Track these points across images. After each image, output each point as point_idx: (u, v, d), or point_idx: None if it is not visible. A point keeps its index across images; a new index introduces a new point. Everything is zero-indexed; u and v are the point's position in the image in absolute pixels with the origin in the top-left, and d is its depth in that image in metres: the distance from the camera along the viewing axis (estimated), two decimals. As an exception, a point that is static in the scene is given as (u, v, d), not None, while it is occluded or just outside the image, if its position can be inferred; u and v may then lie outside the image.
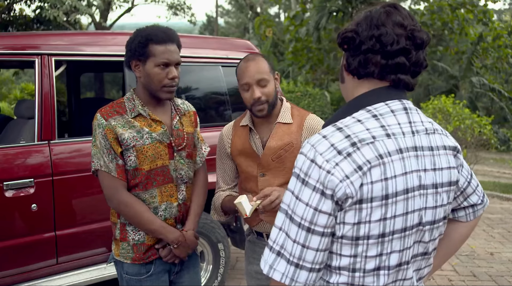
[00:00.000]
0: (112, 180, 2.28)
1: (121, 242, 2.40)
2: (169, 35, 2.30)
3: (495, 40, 20.03)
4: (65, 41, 3.52)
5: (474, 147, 12.00)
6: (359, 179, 1.28)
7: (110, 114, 2.28)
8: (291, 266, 1.33)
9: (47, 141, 3.30)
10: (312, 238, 1.31)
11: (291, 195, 1.34)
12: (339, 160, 1.29)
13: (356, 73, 1.42)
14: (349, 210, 1.29)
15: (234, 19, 39.52)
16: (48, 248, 3.31)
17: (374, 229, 1.31)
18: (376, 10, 1.40)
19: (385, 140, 1.33)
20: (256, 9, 23.02)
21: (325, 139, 1.33)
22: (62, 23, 12.30)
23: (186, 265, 2.53)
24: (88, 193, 3.47)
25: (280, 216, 1.35)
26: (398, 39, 1.36)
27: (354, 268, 1.35)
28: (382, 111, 1.38)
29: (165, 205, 2.38)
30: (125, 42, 3.76)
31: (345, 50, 1.44)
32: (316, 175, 1.29)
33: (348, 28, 1.43)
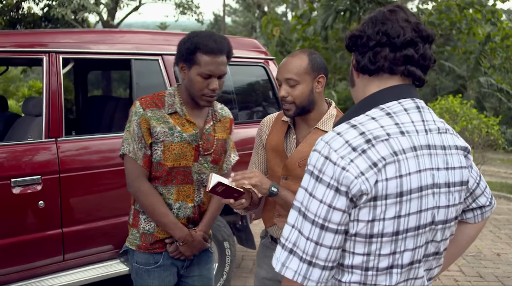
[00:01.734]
0: (137, 167, 2.34)
1: (131, 228, 2.50)
2: (220, 46, 2.26)
3: (504, 40, 19.94)
4: (72, 39, 3.53)
5: (482, 147, 11.95)
6: (374, 175, 1.28)
7: (148, 105, 2.34)
8: (304, 264, 1.31)
9: (54, 139, 3.31)
10: (325, 235, 1.30)
11: (304, 192, 1.33)
12: (354, 156, 1.29)
13: (367, 70, 1.43)
14: (364, 207, 1.29)
15: (241, 18, 39.55)
16: (55, 245, 3.33)
17: (388, 226, 1.31)
18: (380, 10, 1.44)
19: (400, 138, 1.33)
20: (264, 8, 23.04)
21: (340, 136, 1.33)
22: (70, 21, 12.35)
23: (197, 261, 2.56)
24: (95, 190, 3.49)
25: (293, 214, 1.34)
26: (404, 31, 1.37)
27: (367, 266, 1.34)
28: (395, 110, 1.38)
29: (180, 204, 2.42)
30: (132, 40, 3.81)
31: (353, 51, 1.46)
32: (330, 172, 1.29)
33: (353, 30, 1.45)
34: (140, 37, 3.90)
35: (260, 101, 4.78)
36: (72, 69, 4.94)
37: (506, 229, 6.76)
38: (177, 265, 2.50)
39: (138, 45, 3.79)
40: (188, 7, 17.89)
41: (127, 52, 3.72)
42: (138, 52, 3.76)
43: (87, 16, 13.03)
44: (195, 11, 18.24)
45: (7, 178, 3.09)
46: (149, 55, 3.81)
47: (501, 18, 19.90)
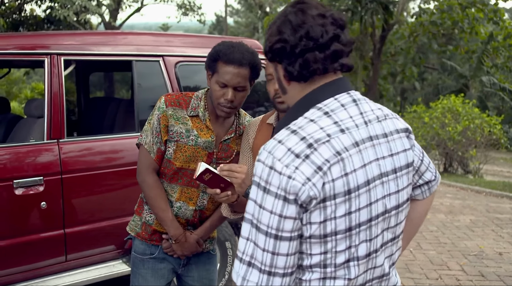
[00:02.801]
0: (148, 159, 2.41)
1: (135, 214, 2.58)
2: (241, 57, 2.24)
3: (506, 39, 19.90)
4: (74, 41, 3.55)
5: (484, 146, 11.94)
6: (320, 179, 1.28)
7: (172, 103, 2.38)
8: (264, 275, 1.31)
9: (56, 140, 3.33)
10: (280, 245, 1.30)
11: (253, 204, 1.32)
12: (298, 163, 1.28)
13: (302, 77, 1.41)
14: (314, 210, 1.29)
15: (243, 19, 39.57)
16: (57, 246, 3.35)
17: (340, 224, 1.32)
18: (289, 12, 1.40)
19: (340, 137, 1.33)
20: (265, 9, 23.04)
21: (281, 144, 1.32)
22: (72, 23, 12.39)
23: (194, 260, 2.58)
24: (97, 191, 3.51)
25: (246, 226, 1.34)
26: (326, 28, 1.37)
27: (325, 264, 1.36)
28: (333, 107, 1.38)
29: (180, 204, 2.45)
30: (133, 41, 3.83)
31: (279, 62, 1.44)
32: (276, 182, 1.28)
33: (271, 40, 1.42)
34: (141, 39, 3.91)
35: (262, 102, 4.79)
36: (74, 71, 4.96)
37: (508, 228, 6.76)
38: (173, 262, 2.54)
39: (139, 46, 3.81)
40: (190, 8, 17.91)
41: (128, 54, 3.74)
42: (139, 54, 3.77)
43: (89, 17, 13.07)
44: (197, 12, 18.27)
45: (10, 179, 3.11)
46: (150, 56, 3.83)
47: (503, 17, 19.84)
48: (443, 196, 8.94)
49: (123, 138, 3.65)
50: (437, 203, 8.21)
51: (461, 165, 12.36)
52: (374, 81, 20.41)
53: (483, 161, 12.08)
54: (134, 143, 3.61)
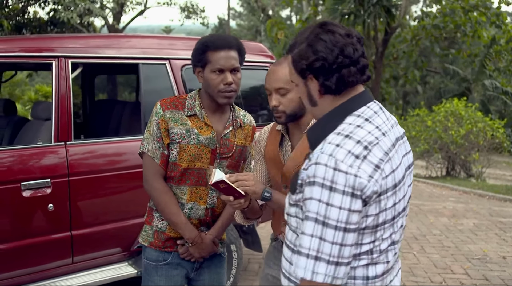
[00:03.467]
0: (154, 165, 2.42)
1: (145, 225, 2.57)
2: (227, 41, 2.36)
3: (509, 42, 19.86)
4: (81, 43, 3.57)
5: (487, 150, 11.93)
6: (380, 176, 1.49)
7: (168, 107, 2.41)
8: (331, 266, 1.46)
9: (64, 143, 3.35)
10: (348, 236, 1.46)
11: (318, 203, 1.46)
12: (359, 163, 1.47)
13: (337, 90, 1.59)
14: (372, 203, 1.49)
15: (246, 22, 39.62)
16: (64, 248, 3.36)
17: (389, 214, 1.55)
18: (319, 32, 1.58)
19: (384, 139, 1.56)
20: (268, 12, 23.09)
21: (341, 148, 1.49)
22: (75, 25, 12.42)
23: (207, 264, 2.58)
24: (104, 193, 3.53)
25: (310, 224, 1.47)
26: (355, 46, 1.58)
27: (373, 251, 1.56)
28: (369, 115, 1.59)
29: (192, 204, 2.46)
30: (140, 44, 3.85)
31: (316, 78, 1.60)
32: (342, 180, 1.45)
33: (308, 59, 1.58)
34: (147, 42, 3.93)
35: (265, 105, 4.80)
36: (80, 73, 4.99)
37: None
38: (186, 267, 2.53)
39: (146, 49, 3.83)
40: (193, 11, 17.95)
41: (135, 57, 3.75)
42: (146, 57, 3.79)
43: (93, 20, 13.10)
44: (200, 15, 18.30)
45: (18, 181, 3.13)
46: (156, 59, 3.84)
47: (505, 21, 19.82)
48: (446, 199, 8.94)
49: (129, 141, 3.66)
50: (440, 207, 8.21)
51: (463, 168, 12.35)
52: (376, 84, 20.40)
53: (485, 165, 12.07)
54: (140, 145, 3.64)
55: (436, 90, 22.56)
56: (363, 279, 1.58)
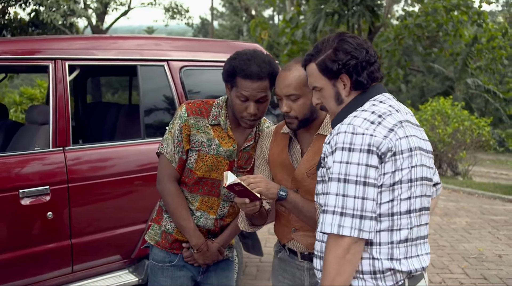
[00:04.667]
0: (170, 167, 2.37)
1: (153, 223, 2.54)
2: (259, 70, 2.18)
3: (489, 41, 20.10)
4: (78, 45, 3.46)
5: (473, 148, 12.02)
6: (394, 136, 1.66)
7: (194, 112, 2.35)
8: (356, 219, 1.60)
9: (62, 148, 3.23)
10: (368, 190, 1.61)
11: (339, 164, 1.64)
12: (374, 127, 1.66)
13: (367, 85, 1.81)
14: (388, 161, 1.64)
15: (228, 22, 39.51)
16: (64, 257, 3.25)
17: (405, 174, 1.67)
18: (343, 39, 1.80)
19: (396, 113, 1.75)
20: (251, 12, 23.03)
21: (357, 117, 1.70)
22: (58, 26, 12.18)
23: (214, 268, 2.55)
24: (104, 200, 3.42)
25: (333, 184, 1.64)
26: (371, 47, 1.82)
27: (392, 212, 1.67)
28: (382, 99, 1.80)
29: (201, 213, 2.42)
30: (139, 46, 3.74)
31: (350, 76, 1.79)
32: (359, 141, 1.63)
33: (344, 60, 1.77)
34: (145, 43, 3.84)
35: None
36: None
37: (505, 230, 6.79)
38: (192, 269, 2.50)
39: (144, 51, 3.73)
40: (178, 11, 17.79)
41: (133, 58, 3.65)
42: (144, 58, 3.69)
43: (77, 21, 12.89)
44: (185, 16, 18.16)
45: (15, 189, 3.01)
46: (154, 61, 3.75)
47: (486, 20, 20.04)
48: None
49: (129, 146, 3.56)
50: (431, 206, 8.22)
51: (450, 166, 12.43)
52: (360, 83, 20.39)
53: (472, 163, 12.16)
54: (140, 150, 3.56)
55: (419, 89, 22.72)
56: (387, 244, 1.68)
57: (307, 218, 2.11)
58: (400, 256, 1.71)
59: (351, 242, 1.61)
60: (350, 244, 1.61)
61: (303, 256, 2.24)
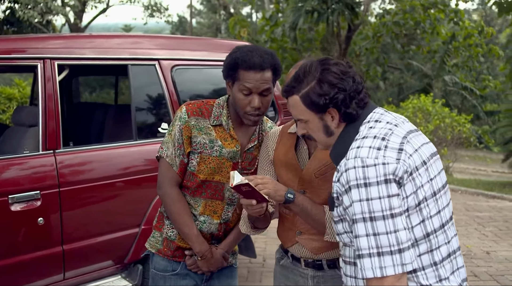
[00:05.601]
0: (170, 171, 2.29)
1: (154, 230, 2.44)
2: (262, 61, 2.12)
3: (466, 39, 20.35)
4: (67, 44, 3.35)
5: (454, 145, 12.14)
6: (404, 156, 1.58)
7: (194, 113, 2.26)
8: (395, 255, 1.50)
9: (52, 151, 3.11)
10: (397, 221, 1.52)
11: (359, 203, 1.54)
12: (383, 153, 1.57)
13: (355, 116, 1.71)
14: (407, 183, 1.56)
15: (206, 20, 39.30)
16: (55, 264, 3.13)
17: (427, 190, 1.60)
18: (326, 68, 1.70)
19: (397, 129, 1.66)
20: (230, 10, 22.91)
21: (361, 148, 1.59)
22: (34, 24, 11.92)
23: (217, 275, 2.46)
24: (96, 204, 3.31)
25: (360, 226, 1.54)
26: (356, 72, 1.73)
27: (427, 232, 1.59)
28: (376, 117, 1.72)
29: (205, 218, 2.33)
30: (129, 45, 3.64)
31: (338, 110, 1.70)
32: (373, 173, 1.53)
33: (331, 94, 1.67)
34: (135, 42, 3.73)
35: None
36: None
37: (491, 226, 6.84)
38: (195, 278, 2.41)
39: (134, 50, 3.62)
40: (157, 9, 17.59)
41: (123, 58, 3.54)
42: (135, 57, 3.59)
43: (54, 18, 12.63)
44: (164, 13, 17.96)
45: (5, 194, 2.88)
46: (145, 60, 3.64)
47: (463, 18, 20.30)
48: (420, 195, 9.01)
49: (121, 147, 3.45)
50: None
51: (431, 163, 12.51)
52: (339, 81, 20.47)
53: (453, 159, 12.28)
54: (133, 151, 3.45)
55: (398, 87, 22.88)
56: (431, 266, 1.60)
57: (315, 221, 2.04)
58: (447, 274, 1.64)
59: (395, 280, 1.52)
60: (394, 282, 1.52)
61: (307, 263, 2.17)
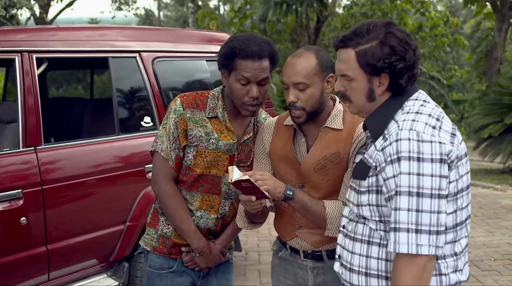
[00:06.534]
0: (166, 166, 2.21)
1: (149, 228, 2.37)
2: (259, 49, 2.06)
3: (432, 29, 20.68)
4: (46, 37, 3.22)
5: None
6: (457, 141, 1.58)
7: (190, 105, 2.19)
8: (433, 236, 1.48)
9: (34, 147, 2.99)
10: (442, 203, 1.49)
11: (408, 175, 1.49)
12: (437, 132, 1.53)
13: (406, 88, 1.64)
14: (453, 168, 1.53)
15: (173, 13, 38.90)
16: (39, 264, 3.02)
17: (466, 181, 1.59)
18: (395, 32, 1.61)
19: (445, 115, 1.64)
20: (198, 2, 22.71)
21: (417, 122, 1.55)
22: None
23: (214, 271, 2.40)
24: (80, 201, 3.20)
25: (403, 198, 1.49)
26: (415, 45, 1.65)
27: (456, 223, 1.59)
28: (423, 98, 1.67)
29: (202, 213, 2.27)
30: (109, 37, 3.53)
31: (390, 77, 1.62)
32: (428, 149, 1.49)
33: (389, 59, 1.59)
34: (116, 33, 3.62)
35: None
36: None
37: (466, 213, 6.95)
38: (192, 274, 2.35)
39: (115, 42, 3.52)
40: (125, 2, 17.28)
41: (103, 50, 3.44)
42: (115, 50, 3.48)
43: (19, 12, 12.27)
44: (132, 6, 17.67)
45: (-15, 194, 2.76)
46: (126, 52, 3.54)
47: (429, 8, 20.61)
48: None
49: (104, 143, 3.35)
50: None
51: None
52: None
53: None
54: (116, 146, 3.36)
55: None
56: (452, 256, 1.60)
57: (315, 217, 2.00)
58: (462, 266, 1.64)
59: (427, 260, 1.49)
60: (426, 262, 1.49)
61: (306, 255, 2.12)
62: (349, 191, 1.80)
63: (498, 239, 5.47)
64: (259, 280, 4.49)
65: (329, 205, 2.00)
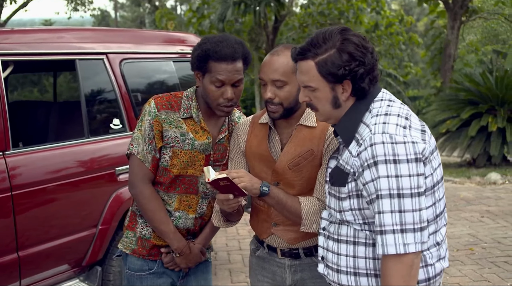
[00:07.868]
0: (143, 169, 2.21)
1: (127, 230, 2.36)
2: (233, 51, 2.07)
3: (388, 28, 21.12)
4: (11, 39, 3.15)
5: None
6: (427, 137, 1.63)
7: (164, 106, 2.19)
8: (417, 233, 1.52)
9: (2, 153, 2.93)
10: (422, 200, 1.54)
11: (387, 178, 1.53)
12: (409, 132, 1.58)
13: (369, 91, 1.68)
14: (427, 164, 1.58)
15: (129, 13, 38.38)
16: (11, 272, 2.95)
17: (439, 174, 1.66)
18: (351, 39, 1.64)
19: (412, 112, 1.69)
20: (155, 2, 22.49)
21: (388, 124, 1.59)
22: None
23: (193, 271, 2.42)
24: (52, 206, 3.14)
25: (385, 201, 1.53)
26: (372, 46, 1.68)
27: (436, 214, 1.65)
28: (388, 97, 1.72)
29: (180, 213, 2.28)
30: (76, 38, 3.48)
31: (353, 83, 1.65)
32: (402, 151, 1.53)
33: (349, 65, 1.61)
34: (83, 35, 3.57)
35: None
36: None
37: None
38: (172, 275, 2.36)
39: (81, 44, 3.47)
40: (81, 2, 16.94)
41: (70, 52, 3.39)
42: (82, 52, 3.44)
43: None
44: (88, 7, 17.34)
45: (-47, 202, 2.69)
46: (93, 54, 3.50)
47: (384, 7, 21.03)
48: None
49: (73, 146, 3.30)
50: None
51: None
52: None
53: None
54: (86, 150, 3.32)
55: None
56: (435, 246, 1.65)
57: (291, 213, 2.03)
58: (444, 254, 1.70)
59: (414, 257, 1.53)
60: (413, 259, 1.53)
61: (283, 253, 2.16)
62: (329, 197, 1.82)
63: (459, 230, 5.65)
64: (230, 279, 4.51)
65: (304, 201, 2.04)
